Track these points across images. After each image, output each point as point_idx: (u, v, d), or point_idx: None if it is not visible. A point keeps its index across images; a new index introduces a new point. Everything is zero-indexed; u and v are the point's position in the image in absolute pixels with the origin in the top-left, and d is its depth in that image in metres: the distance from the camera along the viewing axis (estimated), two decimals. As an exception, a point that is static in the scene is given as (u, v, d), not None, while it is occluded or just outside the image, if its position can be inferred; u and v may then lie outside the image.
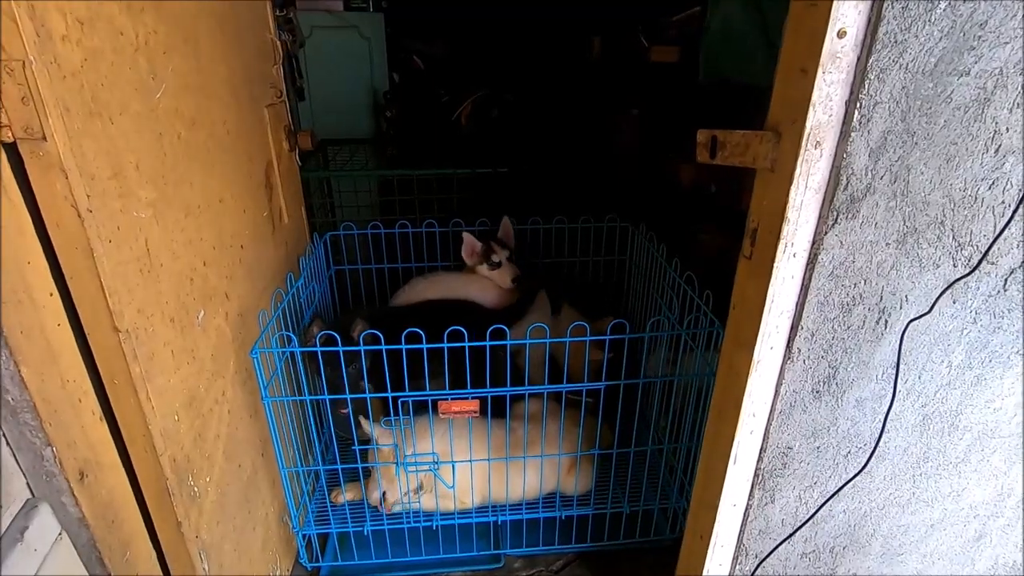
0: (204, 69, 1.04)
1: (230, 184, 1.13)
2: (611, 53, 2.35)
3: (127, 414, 0.81)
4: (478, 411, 1.20)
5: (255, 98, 1.31)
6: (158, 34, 0.87)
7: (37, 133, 0.64)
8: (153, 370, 0.83)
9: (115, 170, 0.76)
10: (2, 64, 0.61)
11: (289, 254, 1.47)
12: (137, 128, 0.81)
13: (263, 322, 1.18)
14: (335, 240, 1.73)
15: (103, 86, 0.74)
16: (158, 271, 0.85)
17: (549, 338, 1.15)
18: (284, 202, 1.45)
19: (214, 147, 1.06)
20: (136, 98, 0.81)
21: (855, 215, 0.75)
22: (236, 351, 1.12)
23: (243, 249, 1.18)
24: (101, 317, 0.74)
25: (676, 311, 1.39)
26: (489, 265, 1.72)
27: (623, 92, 2.27)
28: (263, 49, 1.40)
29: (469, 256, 1.75)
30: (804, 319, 0.82)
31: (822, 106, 0.69)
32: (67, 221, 0.69)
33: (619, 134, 2.27)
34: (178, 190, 0.92)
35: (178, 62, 0.94)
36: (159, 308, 0.85)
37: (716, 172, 1.73)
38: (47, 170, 0.66)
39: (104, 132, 0.73)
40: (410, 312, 1.59)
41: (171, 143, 0.90)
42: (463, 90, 2.29)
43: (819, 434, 0.92)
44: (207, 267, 1.01)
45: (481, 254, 1.72)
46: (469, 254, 1.74)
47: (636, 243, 1.80)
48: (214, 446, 1.02)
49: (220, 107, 1.10)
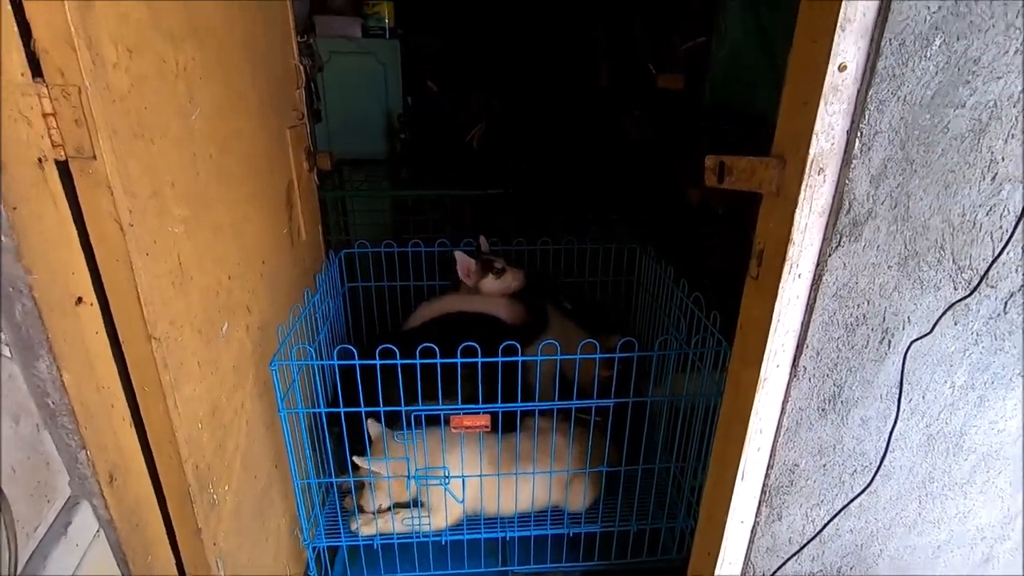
0: (235, 93, 1.09)
1: (255, 202, 1.18)
2: (620, 79, 2.41)
3: (155, 421, 0.84)
4: (489, 426, 1.22)
5: (279, 120, 1.36)
6: (196, 61, 0.93)
7: (87, 153, 0.69)
8: (181, 379, 0.86)
9: (154, 188, 0.80)
10: (60, 89, 0.66)
11: (306, 270, 1.51)
12: (175, 149, 0.86)
13: (281, 336, 1.22)
14: (350, 258, 1.77)
15: (147, 110, 0.79)
16: (188, 284, 0.89)
17: (560, 355, 1.17)
18: (303, 220, 1.50)
19: (242, 167, 1.11)
20: (175, 121, 0.86)
21: (858, 238, 0.78)
22: (256, 364, 1.16)
23: (264, 265, 1.22)
24: (136, 327, 0.78)
25: (684, 331, 1.42)
26: (494, 273, 1.73)
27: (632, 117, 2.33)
28: (287, 74, 1.47)
29: (467, 275, 1.74)
30: (809, 338, 0.85)
31: (824, 135, 0.73)
32: (110, 235, 0.73)
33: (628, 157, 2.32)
34: (208, 207, 0.96)
35: (213, 87, 0.99)
36: (188, 320, 0.89)
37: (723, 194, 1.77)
38: (94, 187, 0.71)
39: (146, 152, 0.78)
40: (428, 326, 1.62)
41: (204, 163, 0.95)
42: (475, 113, 2.36)
43: (825, 452, 0.94)
44: (232, 281, 1.05)
45: (480, 268, 1.74)
46: (466, 273, 1.74)
47: (644, 264, 1.83)
48: (233, 456, 1.05)
49: (248, 129, 1.16)
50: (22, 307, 0.65)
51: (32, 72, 0.65)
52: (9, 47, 0.62)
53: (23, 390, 0.52)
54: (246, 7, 1.17)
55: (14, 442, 0.49)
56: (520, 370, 1.18)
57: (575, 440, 1.36)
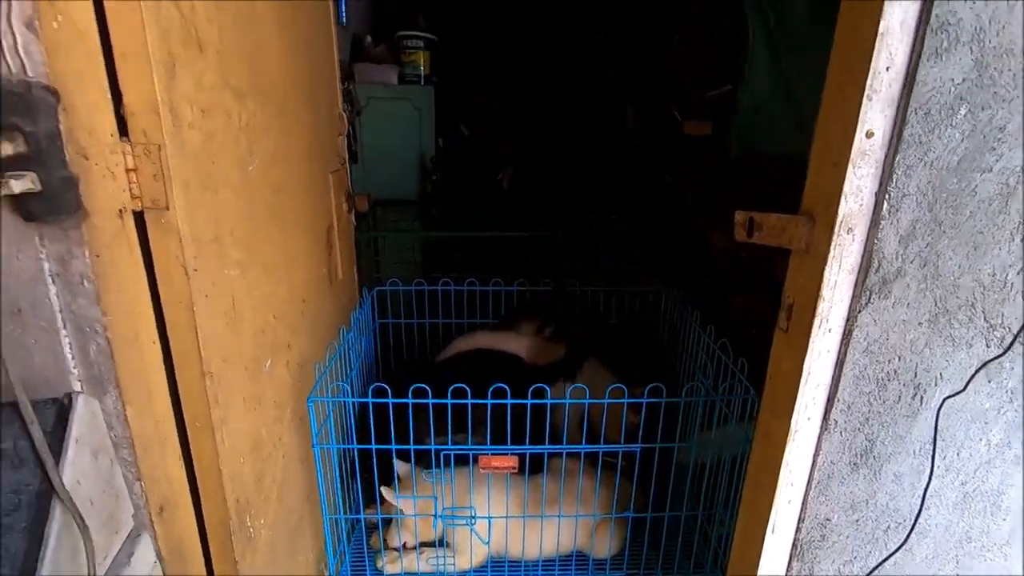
0: (288, 143, 1.17)
1: (300, 243, 1.24)
2: (645, 125, 2.48)
3: (203, 455, 0.88)
4: (517, 467, 1.24)
5: (323, 165, 1.44)
6: (256, 115, 1.00)
7: (162, 204, 0.75)
8: (229, 415, 0.90)
9: (216, 234, 0.86)
10: (143, 147, 0.72)
11: (342, 308, 1.57)
12: (235, 197, 0.92)
13: (318, 372, 1.26)
14: (381, 295, 1.82)
15: (214, 163, 0.85)
16: (240, 323, 0.94)
17: (588, 399, 1.19)
18: (340, 260, 1.56)
19: (290, 210, 1.18)
20: (236, 171, 0.93)
21: (887, 295, 0.80)
22: (294, 399, 1.20)
23: (305, 303, 1.27)
24: (192, 364, 0.83)
25: (710, 377, 1.42)
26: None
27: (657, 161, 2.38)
28: (332, 121, 1.55)
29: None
30: (840, 392, 0.86)
31: (853, 197, 0.76)
32: (176, 279, 0.79)
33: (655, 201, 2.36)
34: (260, 250, 1.02)
35: (269, 138, 1.06)
36: (238, 357, 0.93)
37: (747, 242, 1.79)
38: (165, 235, 0.77)
39: (211, 202, 0.84)
40: (454, 364, 1.65)
41: (258, 209, 1.01)
42: (504, 156, 2.44)
43: (858, 507, 0.94)
44: (277, 320, 1.11)
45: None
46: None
47: (669, 307, 1.84)
48: (270, 490, 1.08)
49: (298, 175, 1.23)
50: (96, 346, 0.71)
51: (119, 132, 0.72)
52: (103, 111, 0.69)
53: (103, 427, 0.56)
54: (300, 62, 1.26)
55: (93, 476, 0.53)
56: (547, 411, 1.20)
57: (602, 484, 1.36)
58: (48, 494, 0.48)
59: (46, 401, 0.53)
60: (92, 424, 0.55)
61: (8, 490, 0.48)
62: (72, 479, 0.50)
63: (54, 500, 0.48)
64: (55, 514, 0.47)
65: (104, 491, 0.56)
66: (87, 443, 0.54)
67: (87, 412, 0.54)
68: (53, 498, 0.48)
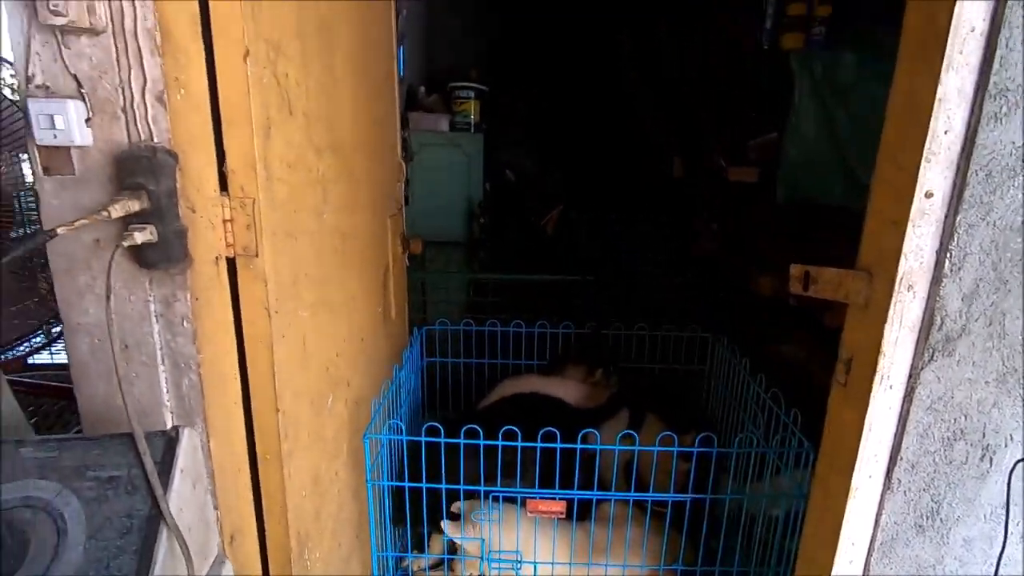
0: (355, 191, 1.25)
1: (361, 285, 1.31)
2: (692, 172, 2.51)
3: (271, 487, 0.92)
4: (564, 513, 1.24)
5: (383, 210, 1.52)
6: (331, 168, 1.09)
7: (252, 251, 0.82)
8: (295, 449, 0.95)
9: (294, 278, 0.93)
10: (239, 200, 0.80)
11: (394, 346, 1.62)
12: (310, 242, 0.99)
13: (374, 409, 1.30)
14: (429, 334, 1.88)
15: (296, 212, 0.93)
16: (309, 361, 1.00)
17: (637, 446, 1.19)
18: (394, 299, 1.63)
19: (354, 253, 1.25)
20: (312, 219, 1.01)
21: (951, 353, 0.79)
22: (349, 435, 1.24)
23: (363, 342, 1.33)
24: (267, 400, 0.88)
25: (761, 427, 1.40)
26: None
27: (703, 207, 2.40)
28: (392, 169, 1.65)
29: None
30: (904, 450, 0.84)
31: (913, 255, 0.77)
32: (259, 320, 0.85)
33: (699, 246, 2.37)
34: (328, 292, 1.09)
35: (340, 187, 1.14)
36: (306, 393, 0.99)
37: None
38: (253, 280, 0.83)
39: (292, 248, 0.91)
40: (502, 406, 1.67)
41: (329, 253, 1.09)
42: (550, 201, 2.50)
43: (924, 572, 0.90)
44: (339, 358, 1.16)
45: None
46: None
47: (717, 354, 1.83)
48: (325, 523, 1.11)
49: (361, 220, 1.31)
50: (188, 381, 0.77)
51: (220, 187, 0.80)
52: (210, 170, 0.77)
53: (201, 459, 0.61)
54: (367, 116, 1.35)
55: (192, 504, 0.57)
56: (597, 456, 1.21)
57: (650, 534, 1.34)
58: (156, 520, 0.53)
59: (156, 433, 0.58)
60: (193, 456, 0.60)
61: (122, 514, 0.53)
62: (176, 507, 0.54)
63: (162, 525, 0.52)
64: (162, 539, 0.51)
65: (199, 519, 0.60)
66: (189, 474, 0.58)
67: (190, 445, 0.59)
68: (161, 524, 0.52)
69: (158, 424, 0.74)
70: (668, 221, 2.60)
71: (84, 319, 0.73)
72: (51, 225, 0.68)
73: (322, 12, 1.04)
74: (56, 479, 0.54)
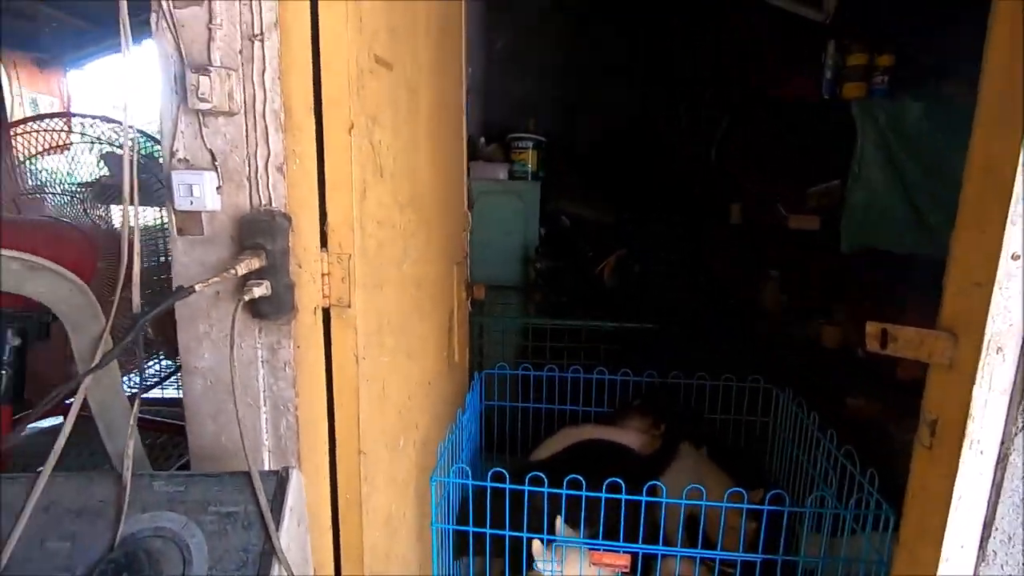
0: (429, 241, 1.32)
1: (430, 330, 1.37)
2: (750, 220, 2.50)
3: (349, 527, 0.96)
4: (628, 566, 1.22)
5: (451, 258, 1.60)
6: (411, 222, 1.16)
7: (345, 302, 0.89)
8: (373, 490, 0.99)
9: (378, 326, 0.99)
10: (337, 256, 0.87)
11: (457, 389, 1.67)
12: (393, 292, 1.06)
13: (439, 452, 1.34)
14: (488, 378, 1.91)
15: (382, 265, 1.00)
16: (386, 405, 1.05)
17: (705, 501, 1.17)
18: (457, 344, 1.68)
19: (425, 300, 1.32)
20: (395, 270, 1.08)
21: (1048, 419, 0.76)
22: (416, 477, 1.27)
23: (430, 385, 1.38)
24: (351, 442, 0.93)
25: (834, 485, 1.35)
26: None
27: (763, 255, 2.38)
28: (459, 218, 1.73)
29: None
30: (998, 520, 0.80)
31: (1001, 317, 0.75)
32: (347, 367, 0.91)
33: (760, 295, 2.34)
34: (405, 338, 1.15)
35: (417, 239, 1.22)
36: (383, 436, 1.04)
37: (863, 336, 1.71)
38: (345, 328, 0.90)
39: (378, 298, 0.98)
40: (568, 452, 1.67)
41: (407, 301, 1.15)
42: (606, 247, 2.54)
43: (1027, 655, 0.84)
44: (411, 401, 1.21)
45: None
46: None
47: (782, 406, 1.78)
48: (392, 564, 1.14)
49: (433, 269, 1.38)
50: (286, 423, 0.83)
51: (321, 244, 0.87)
52: (314, 229, 0.84)
53: (303, 499, 0.66)
54: (440, 172, 1.44)
55: (297, 542, 0.62)
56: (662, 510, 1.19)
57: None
58: (270, 556, 0.57)
59: (269, 472, 0.64)
60: (299, 496, 0.65)
61: (239, 548, 0.58)
62: (286, 543, 0.59)
63: (274, 560, 0.56)
64: (273, 573, 0.56)
65: (302, 557, 0.65)
66: (296, 513, 0.63)
67: (297, 485, 0.64)
68: (273, 559, 0.57)
69: (257, 463, 0.80)
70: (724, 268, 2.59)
71: (200, 363, 0.81)
72: (181, 279, 0.77)
73: (411, 82, 1.14)
74: (183, 512, 0.60)
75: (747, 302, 2.42)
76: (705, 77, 2.83)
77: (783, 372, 1.93)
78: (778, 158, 2.45)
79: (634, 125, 3.09)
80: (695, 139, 2.82)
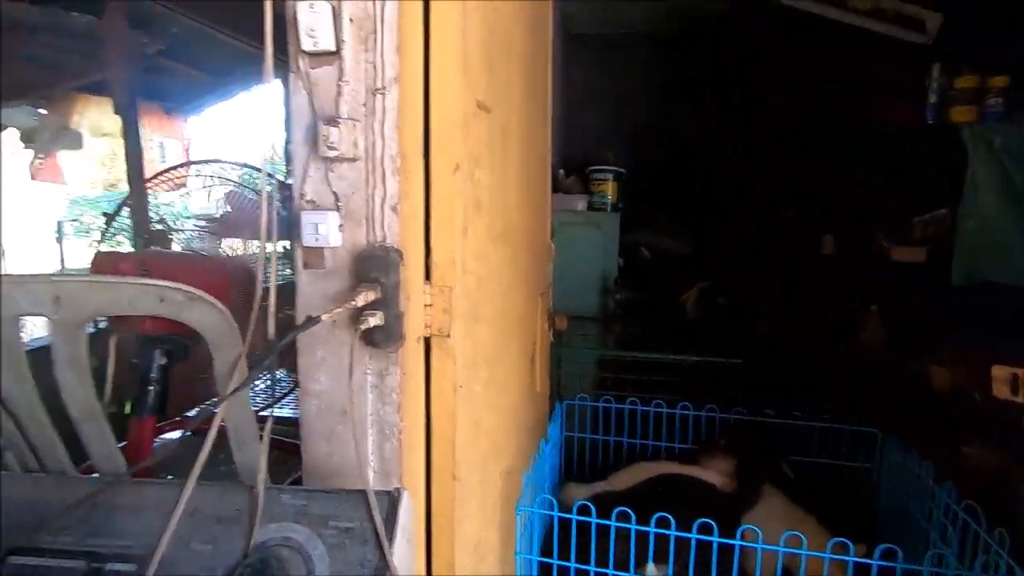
0: (517, 274, 1.37)
1: (517, 359, 1.40)
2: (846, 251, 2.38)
3: (441, 551, 0.99)
4: (720, 615, 1.16)
5: (536, 289, 1.63)
6: (502, 256, 1.21)
7: (445, 332, 0.93)
8: (464, 517, 1.02)
9: (474, 357, 1.03)
10: (439, 288, 0.92)
11: (539, 419, 1.68)
12: (487, 324, 1.10)
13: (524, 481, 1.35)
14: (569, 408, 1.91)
15: (479, 298, 1.04)
16: (479, 433, 1.08)
17: (805, 550, 1.11)
18: (539, 373, 1.70)
19: (514, 331, 1.35)
20: (488, 302, 1.12)
21: None
22: (501, 505, 1.29)
23: (516, 414, 1.41)
24: (447, 468, 0.97)
25: (953, 545, 1.23)
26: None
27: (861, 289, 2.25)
28: (544, 251, 1.77)
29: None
30: None
31: None
32: (446, 394, 0.95)
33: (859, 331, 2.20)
34: (496, 367, 1.19)
35: (507, 272, 1.26)
36: (476, 463, 1.07)
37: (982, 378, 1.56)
38: (444, 358, 0.94)
39: (475, 330, 1.02)
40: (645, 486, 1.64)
41: (498, 333, 1.19)
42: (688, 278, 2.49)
43: None
44: (499, 429, 1.24)
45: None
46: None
47: (886, 452, 1.65)
48: (480, 593, 1.15)
49: (520, 300, 1.42)
50: (390, 446, 0.87)
51: (425, 277, 0.93)
52: (420, 264, 0.90)
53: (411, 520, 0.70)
54: (527, 206, 1.49)
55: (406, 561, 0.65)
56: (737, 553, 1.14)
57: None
58: (383, 571, 0.61)
59: (382, 492, 0.68)
60: (408, 516, 0.68)
61: (356, 562, 0.62)
62: (398, 560, 0.62)
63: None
64: (388, 591, 0.59)
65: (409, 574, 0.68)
66: (405, 532, 0.67)
67: (407, 506, 0.68)
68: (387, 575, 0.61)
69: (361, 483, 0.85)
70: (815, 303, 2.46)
71: (316, 387, 0.87)
72: (304, 309, 0.85)
73: (504, 120, 1.20)
74: (306, 524, 0.65)
75: (843, 339, 2.28)
76: (796, 105, 2.75)
77: (884, 414, 1.79)
78: (876, 186, 2.32)
79: (705, 152, 3.04)
80: (784, 170, 2.73)
